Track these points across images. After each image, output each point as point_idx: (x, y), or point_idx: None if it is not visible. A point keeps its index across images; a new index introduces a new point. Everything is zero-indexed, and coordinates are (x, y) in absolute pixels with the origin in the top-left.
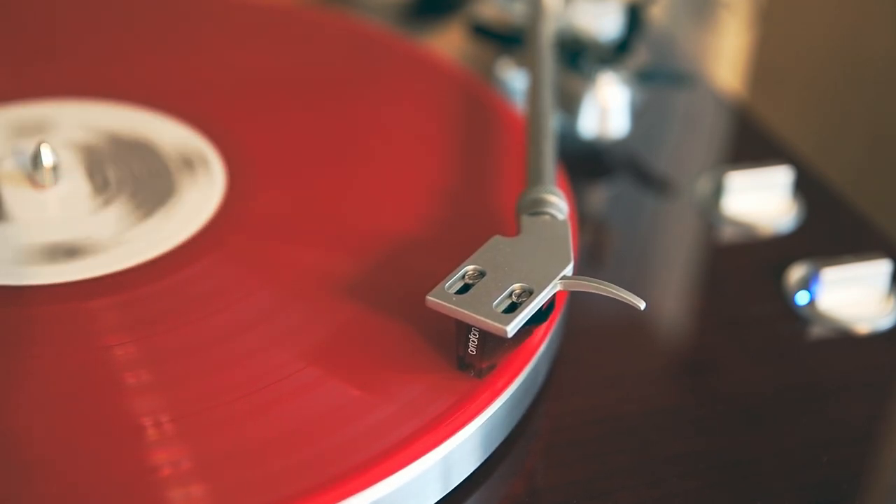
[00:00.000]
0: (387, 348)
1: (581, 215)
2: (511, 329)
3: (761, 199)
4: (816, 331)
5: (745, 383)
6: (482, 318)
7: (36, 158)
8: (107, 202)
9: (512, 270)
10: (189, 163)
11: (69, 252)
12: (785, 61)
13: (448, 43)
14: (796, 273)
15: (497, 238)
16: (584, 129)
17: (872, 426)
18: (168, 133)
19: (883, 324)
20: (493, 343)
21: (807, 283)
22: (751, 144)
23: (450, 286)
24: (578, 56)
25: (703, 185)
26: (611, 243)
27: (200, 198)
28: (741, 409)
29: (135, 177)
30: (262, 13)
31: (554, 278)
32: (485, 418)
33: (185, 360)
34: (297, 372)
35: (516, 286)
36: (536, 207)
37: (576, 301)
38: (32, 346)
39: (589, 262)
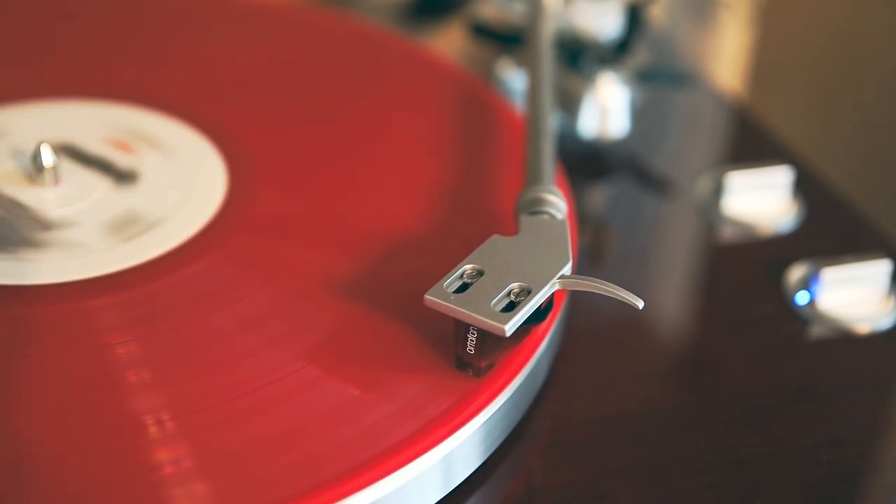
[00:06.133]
0: (386, 348)
1: (581, 215)
2: (509, 328)
3: (761, 199)
4: (816, 331)
5: (745, 383)
6: (480, 318)
7: (36, 158)
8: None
9: (510, 269)
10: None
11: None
12: (785, 61)
13: (448, 43)
14: (796, 273)
15: (495, 237)
16: (584, 129)
17: (872, 426)
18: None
19: (883, 324)
20: (491, 342)
21: (807, 283)
22: (751, 144)
23: (448, 285)
24: (578, 56)
25: (703, 185)
26: (611, 243)
27: (201, 197)
28: (741, 409)
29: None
30: (263, 13)
31: (552, 277)
32: (485, 418)
33: (186, 359)
34: (297, 371)
35: (514, 285)
36: (535, 207)
37: (576, 301)
38: (32, 346)
39: (589, 262)
